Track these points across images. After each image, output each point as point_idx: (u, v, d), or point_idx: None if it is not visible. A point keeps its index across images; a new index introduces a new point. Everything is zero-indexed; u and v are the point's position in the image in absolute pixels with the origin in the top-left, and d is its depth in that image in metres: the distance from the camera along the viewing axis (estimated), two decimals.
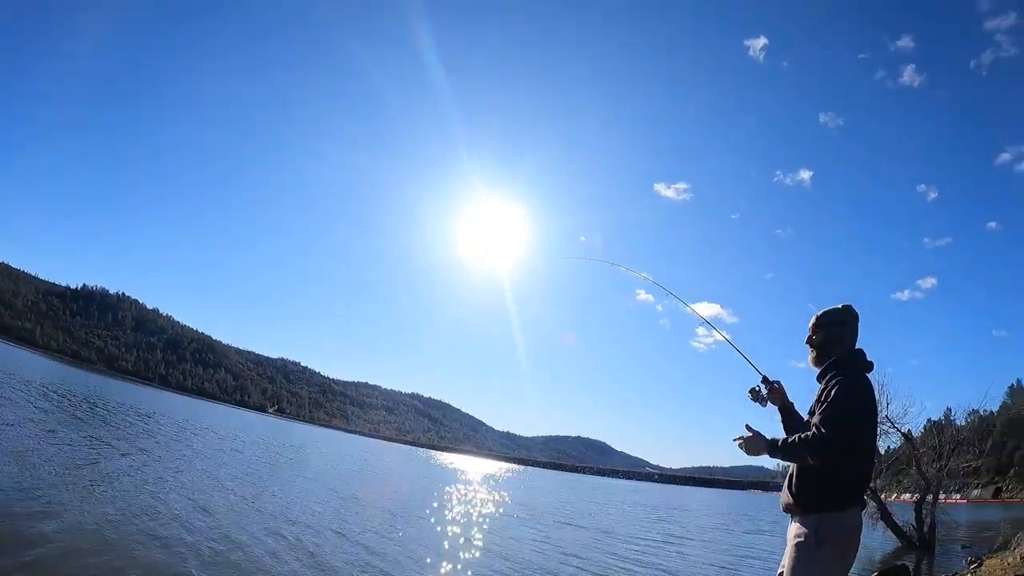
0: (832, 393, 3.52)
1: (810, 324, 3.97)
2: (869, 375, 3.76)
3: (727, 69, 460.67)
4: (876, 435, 3.85)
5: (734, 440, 3.89)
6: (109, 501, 11.39)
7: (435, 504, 23.74)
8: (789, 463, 3.71)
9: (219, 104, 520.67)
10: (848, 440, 3.37)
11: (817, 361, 3.89)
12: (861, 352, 3.83)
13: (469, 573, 11.61)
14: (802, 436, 3.47)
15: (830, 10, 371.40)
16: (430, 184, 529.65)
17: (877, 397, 16.39)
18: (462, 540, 15.45)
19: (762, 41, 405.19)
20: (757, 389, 4.29)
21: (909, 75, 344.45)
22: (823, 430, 3.39)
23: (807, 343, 3.98)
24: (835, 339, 3.85)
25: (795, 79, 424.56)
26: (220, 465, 22.19)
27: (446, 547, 14.04)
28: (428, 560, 12.15)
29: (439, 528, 17.09)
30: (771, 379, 4.31)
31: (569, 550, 16.42)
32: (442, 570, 11.54)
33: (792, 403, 4.24)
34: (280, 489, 18.99)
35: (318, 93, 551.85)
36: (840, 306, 3.92)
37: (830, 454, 3.37)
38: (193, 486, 15.54)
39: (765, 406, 4.30)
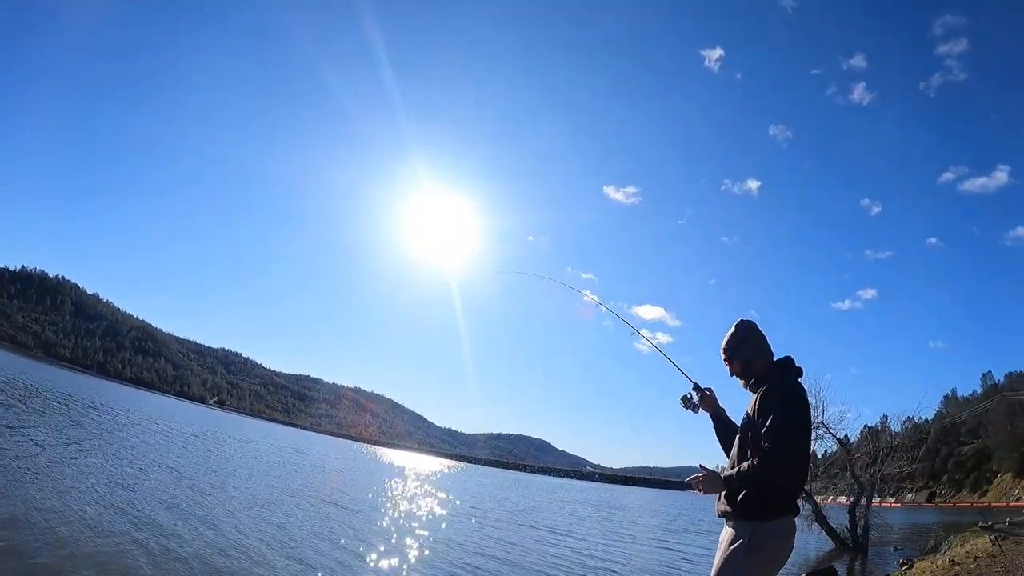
0: (769, 418, 3.51)
1: (723, 360, 4.02)
2: (802, 379, 3.81)
3: (682, 77, 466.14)
4: (810, 441, 3.84)
5: (688, 480, 3.92)
6: (84, 505, 10.95)
7: (383, 503, 23.46)
8: (736, 476, 3.64)
9: (162, 90, 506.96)
10: (786, 453, 3.42)
11: (747, 383, 3.89)
12: (786, 360, 3.85)
13: (426, 570, 11.58)
14: (751, 463, 3.51)
15: (786, 25, 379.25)
16: (379, 181, 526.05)
17: (813, 403, 16.46)
18: (415, 538, 15.32)
19: (718, 52, 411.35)
20: (689, 396, 4.36)
21: (859, 93, 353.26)
22: (767, 451, 3.44)
23: (733, 375, 4.00)
24: (748, 357, 3.90)
25: (748, 91, 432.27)
26: (170, 459, 21.92)
27: (400, 545, 13.95)
28: (384, 559, 12.02)
29: (392, 528, 16.80)
30: (702, 386, 4.35)
31: (523, 547, 16.75)
32: (399, 568, 11.47)
33: (723, 408, 4.29)
34: (229, 486, 18.57)
35: (263, 83, 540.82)
36: (733, 327, 4.00)
37: (776, 470, 3.43)
38: (154, 484, 15.24)
39: (697, 412, 4.38)
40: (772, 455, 3.40)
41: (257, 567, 9.46)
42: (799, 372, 3.79)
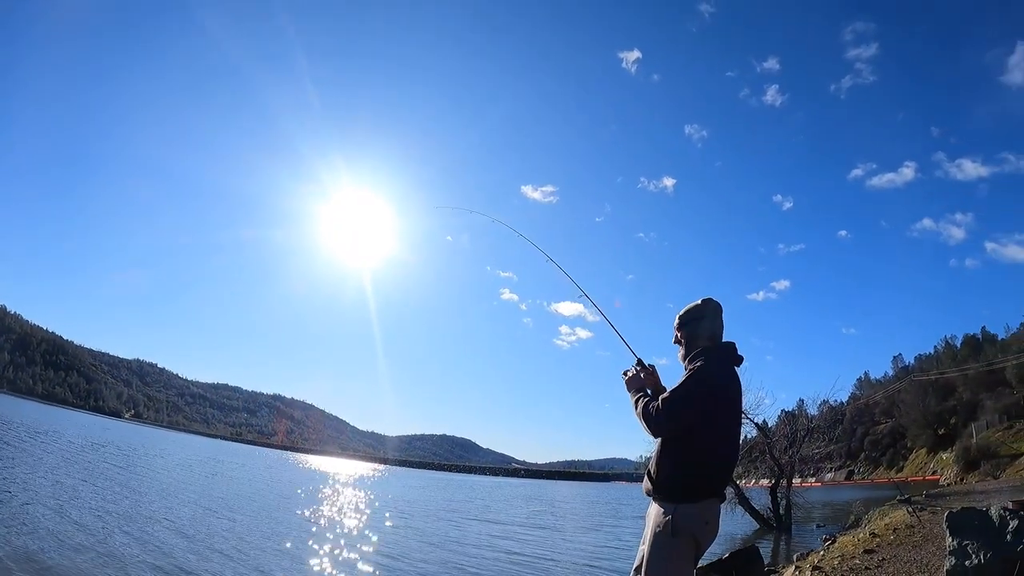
0: (680, 379, 3.71)
1: (674, 324, 4.07)
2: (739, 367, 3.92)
3: (599, 78, 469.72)
4: (732, 426, 3.90)
5: (626, 371, 4.20)
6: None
7: (320, 511, 22.85)
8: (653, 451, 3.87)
9: (69, 87, 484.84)
10: (674, 420, 3.59)
11: (685, 358, 3.95)
12: (726, 345, 3.92)
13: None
14: (645, 403, 3.74)
15: (704, 29, 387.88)
16: (293, 181, 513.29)
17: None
18: (368, 544, 15.16)
19: (636, 54, 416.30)
20: (631, 371, 4.26)
21: (772, 94, 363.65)
22: (658, 405, 3.63)
23: (675, 343, 4.07)
24: (697, 334, 3.94)
25: (664, 92, 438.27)
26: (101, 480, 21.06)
27: (355, 553, 13.67)
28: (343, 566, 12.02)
29: (336, 535, 16.51)
30: (646, 362, 4.32)
31: (488, 543, 17.63)
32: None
33: (665, 387, 4.10)
34: (160, 502, 17.84)
35: (172, 73, 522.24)
36: (699, 301, 4.03)
37: (655, 427, 3.65)
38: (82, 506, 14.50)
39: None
40: (659, 417, 3.60)
41: None
42: (736, 359, 3.89)
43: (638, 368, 4.27)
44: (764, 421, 24.33)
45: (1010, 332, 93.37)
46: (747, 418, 22.95)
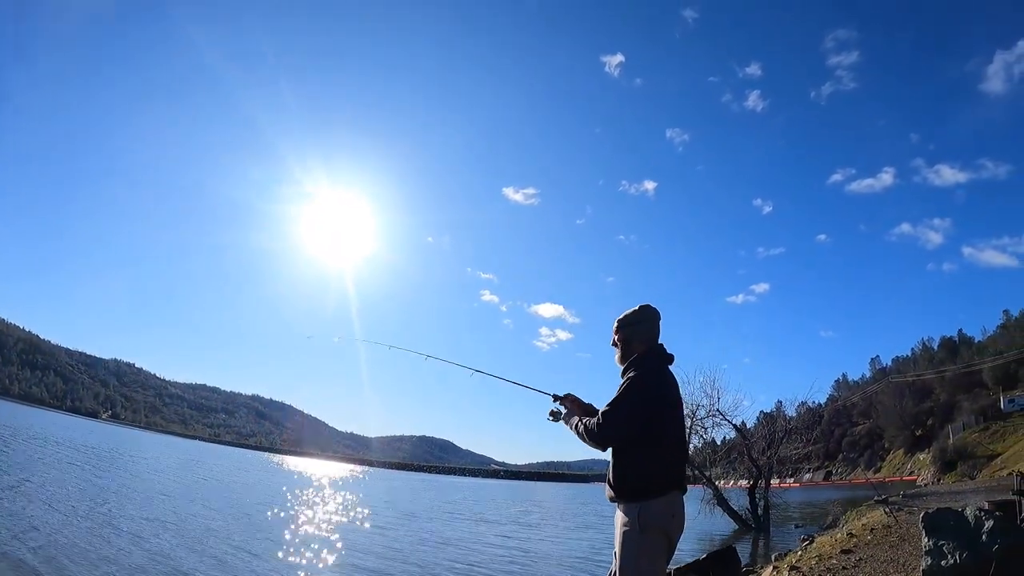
0: (619, 389, 3.82)
1: (613, 328, 4.17)
2: (673, 366, 4.06)
3: (582, 82, 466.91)
4: (675, 425, 3.95)
5: (555, 398, 4.38)
6: None
7: (311, 512, 22.79)
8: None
9: (48, 86, 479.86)
10: (618, 429, 3.74)
11: (621, 360, 4.07)
12: (659, 347, 4.05)
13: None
14: (586, 422, 3.92)
15: (687, 34, 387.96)
16: (274, 182, 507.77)
17: (709, 392, 17.44)
18: (364, 544, 15.28)
19: (619, 58, 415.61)
20: (555, 410, 4.42)
21: (754, 100, 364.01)
22: (599, 419, 3.80)
23: (612, 345, 4.16)
24: (632, 338, 4.06)
25: (647, 96, 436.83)
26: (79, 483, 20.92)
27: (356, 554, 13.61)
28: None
29: (331, 535, 16.51)
30: (561, 395, 4.47)
31: (483, 542, 17.98)
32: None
33: (591, 405, 4.37)
34: (146, 507, 17.61)
35: (150, 75, 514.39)
36: (637, 307, 4.14)
37: (601, 440, 3.82)
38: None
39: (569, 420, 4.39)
40: (604, 429, 3.76)
41: None
42: (668, 358, 4.02)
43: (556, 403, 4.41)
44: (743, 422, 24.56)
45: (987, 335, 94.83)
46: (726, 419, 23.12)
